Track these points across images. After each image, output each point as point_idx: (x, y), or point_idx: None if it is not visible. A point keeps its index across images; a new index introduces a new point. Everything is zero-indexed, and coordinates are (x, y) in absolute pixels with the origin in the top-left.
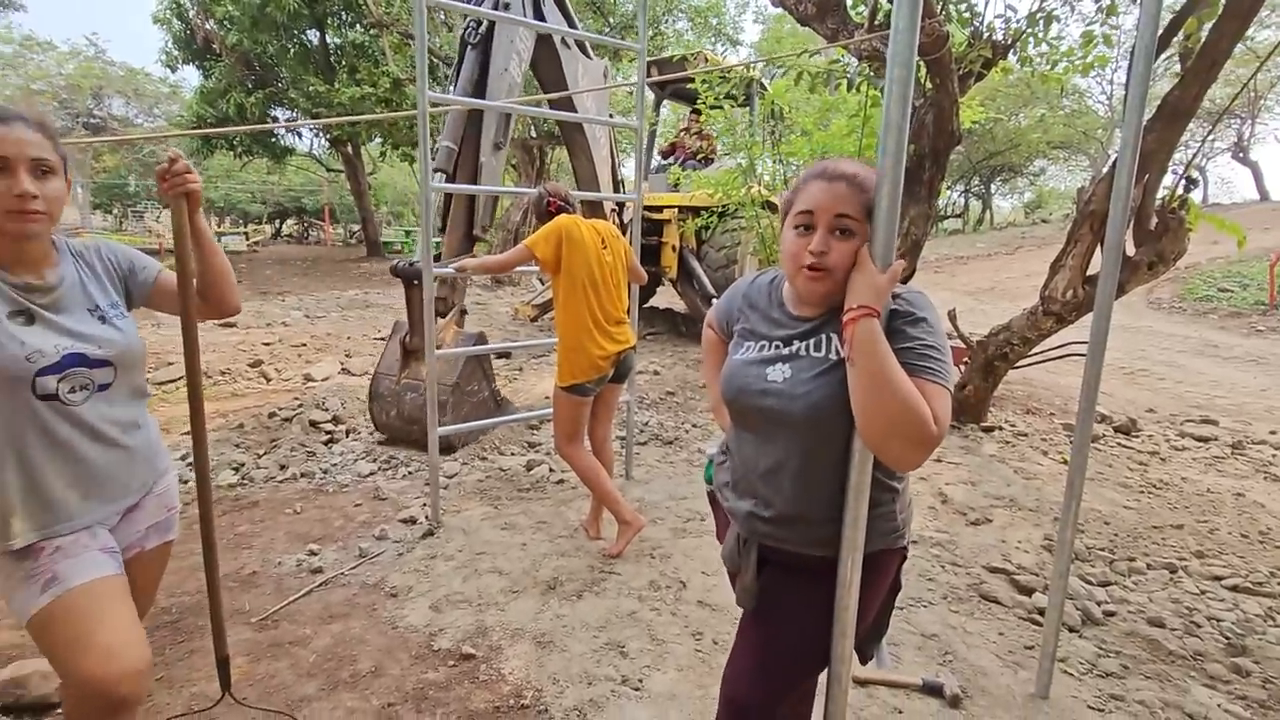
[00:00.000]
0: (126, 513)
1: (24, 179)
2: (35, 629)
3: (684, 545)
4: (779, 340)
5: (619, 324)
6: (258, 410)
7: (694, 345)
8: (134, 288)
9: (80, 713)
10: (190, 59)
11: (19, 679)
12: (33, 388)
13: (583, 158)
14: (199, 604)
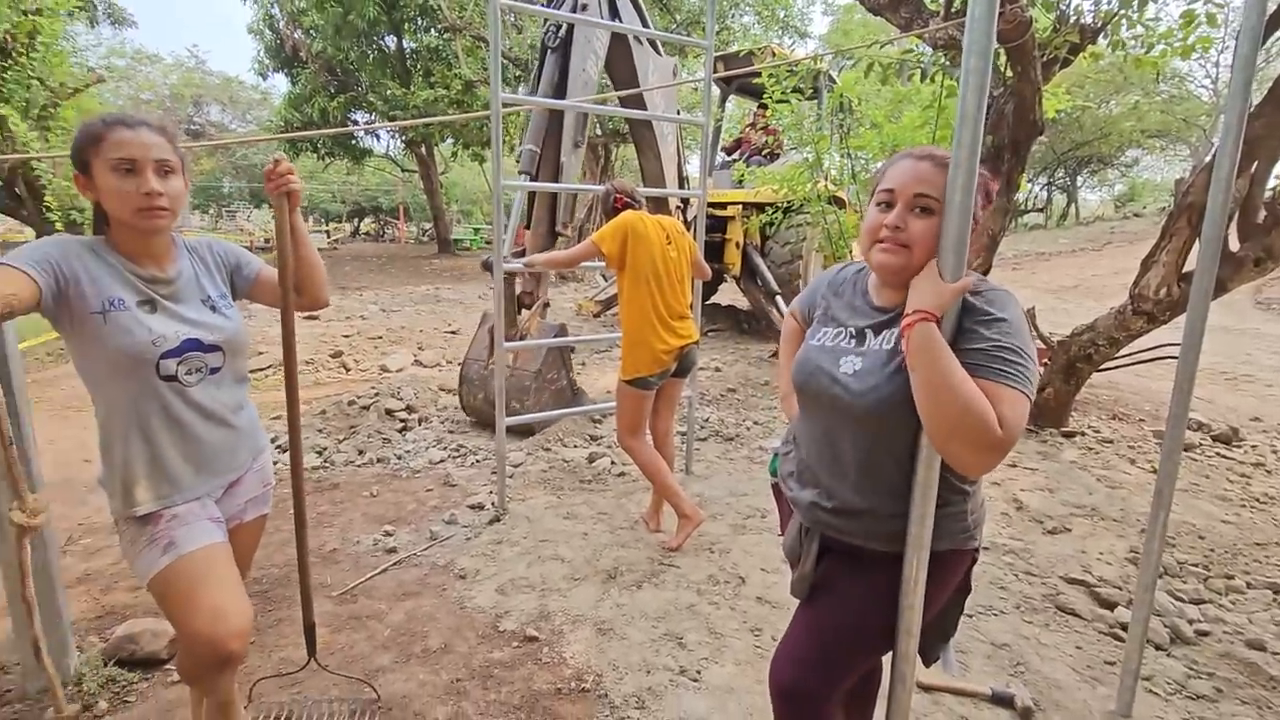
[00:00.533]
0: (230, 487)
1: (151, 178)
2: (155, 588)
3: (743, 541)
4: (854, 329)
5: (682, 319)
6: (338, 398)
7: (756, 343)
8: (238, 281)
9: (191, 665)
10: (279, 67)
11: (133, 635)
12: (156, 370)
13: (650, 154)
14: (287, 576)
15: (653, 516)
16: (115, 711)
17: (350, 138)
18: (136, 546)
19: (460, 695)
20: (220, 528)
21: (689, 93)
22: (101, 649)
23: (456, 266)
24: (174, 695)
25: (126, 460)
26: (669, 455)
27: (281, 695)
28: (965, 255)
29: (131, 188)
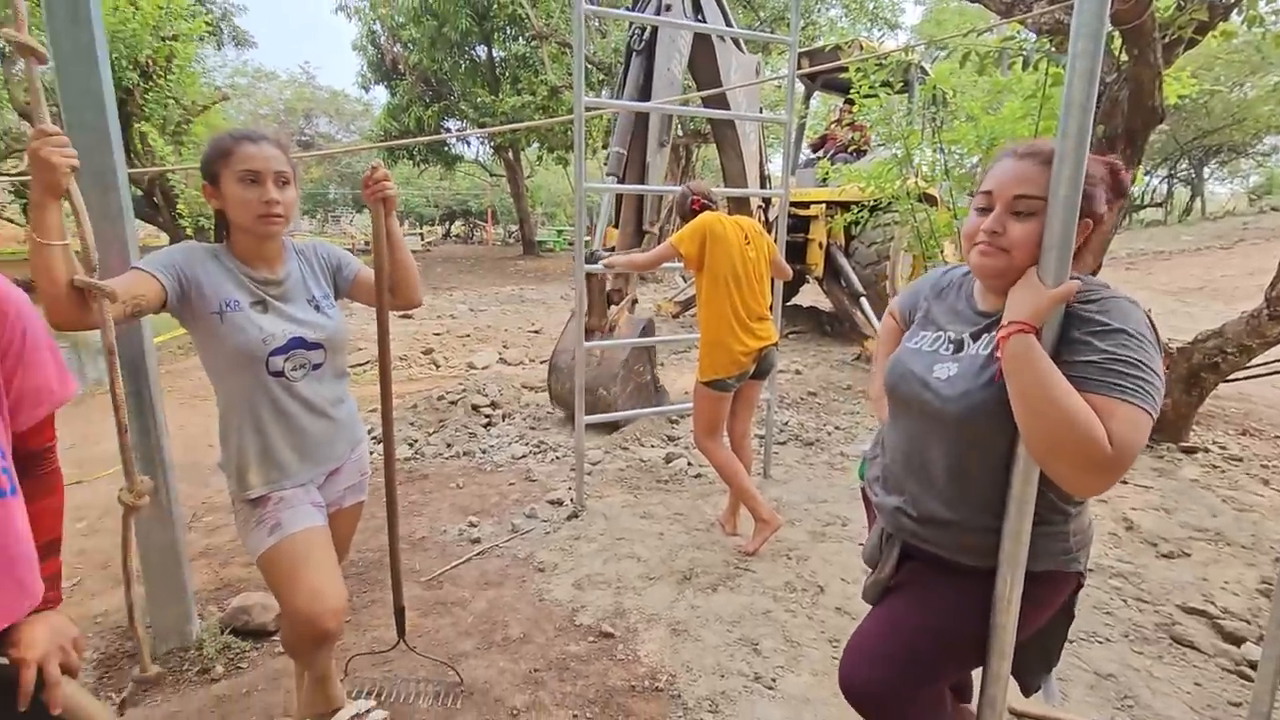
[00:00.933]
0: (330, 474)
1: (271, 189)
2: (263, 565)
3: (823, 549)
4: (954, 334)
5: (761, 320)
6: (428, 393)
7: (839, 345)
8: (340, 281)
9: (293, 639)
10: (380, 79)
11: (245, 607)
12: (266, 366)
13: (732, 153)
14: (379, 560)
15: (729, 519)
16: (230, 676)
17: (443, 145)
18: (248, 526)
19: (538, 685)
20: (321, 512)
21: (771, 90)
22: (219, 618)
23: (540, 267)
24: (280, 665)
25: (240, 447)
26: (746, 458)
27: (374, 672)
28: (1070, 257)
29: (254, 197)
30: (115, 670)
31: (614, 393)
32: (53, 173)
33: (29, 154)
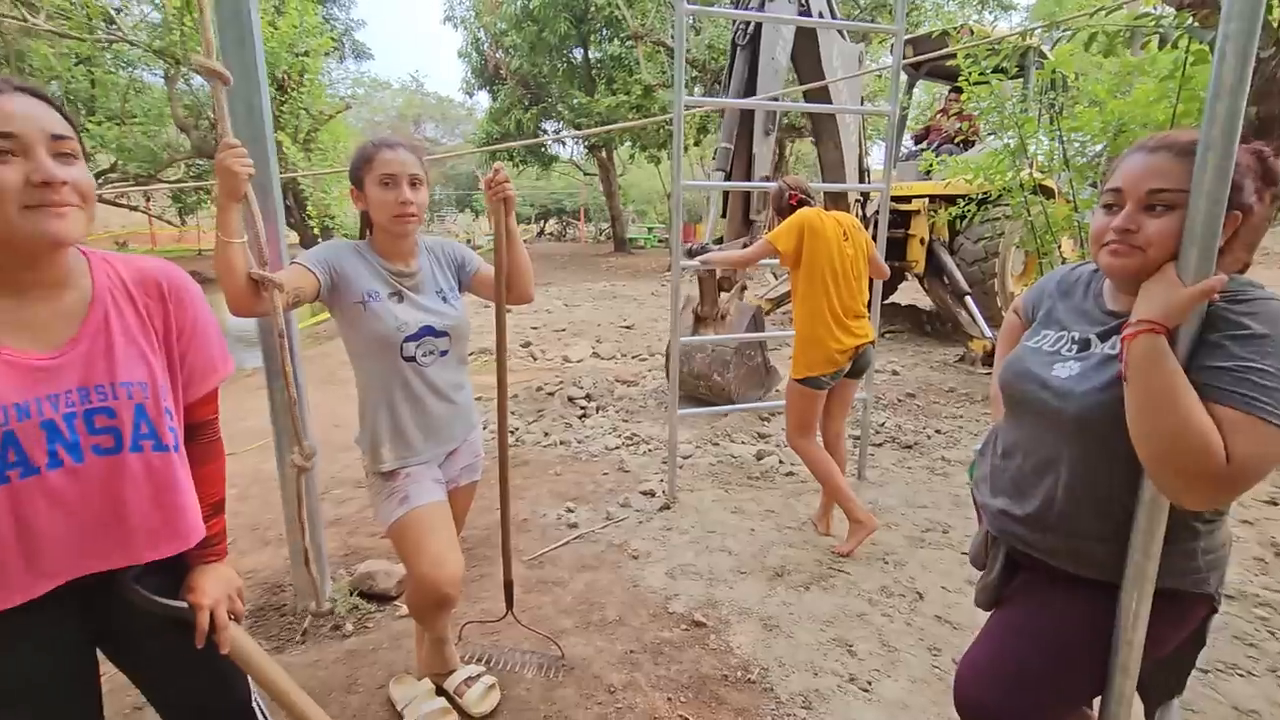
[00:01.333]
0: (449, 455)
1: (405, 190)
2: (392, 533)
3: (922, 555)
4: (1079, 333)
5: (858, 318)
6: (528, 384)
7: (940, 346)
8: (462, 276)
9: (417, 601)
10: (483, 85)
11: (371, 573)
12: (400, 351)
13: (830, 144)
14: (487, 538)
15: (822, 519)
16: (358, 634)
17: (541, 146)
18: (380, 497)
19: (634, 666)
20: (442, 488)
21: (871, 79)
22: (348, 581)
23: (631, 264)
24: (401, 627)
25: (376, 425)
26: (840, 458)
27: (483, 640)
28: (1214, 254)
29: (391, 198)
30: (264, 621)
31: (727, 378)
32: (235, 179)
33: (216, 164)
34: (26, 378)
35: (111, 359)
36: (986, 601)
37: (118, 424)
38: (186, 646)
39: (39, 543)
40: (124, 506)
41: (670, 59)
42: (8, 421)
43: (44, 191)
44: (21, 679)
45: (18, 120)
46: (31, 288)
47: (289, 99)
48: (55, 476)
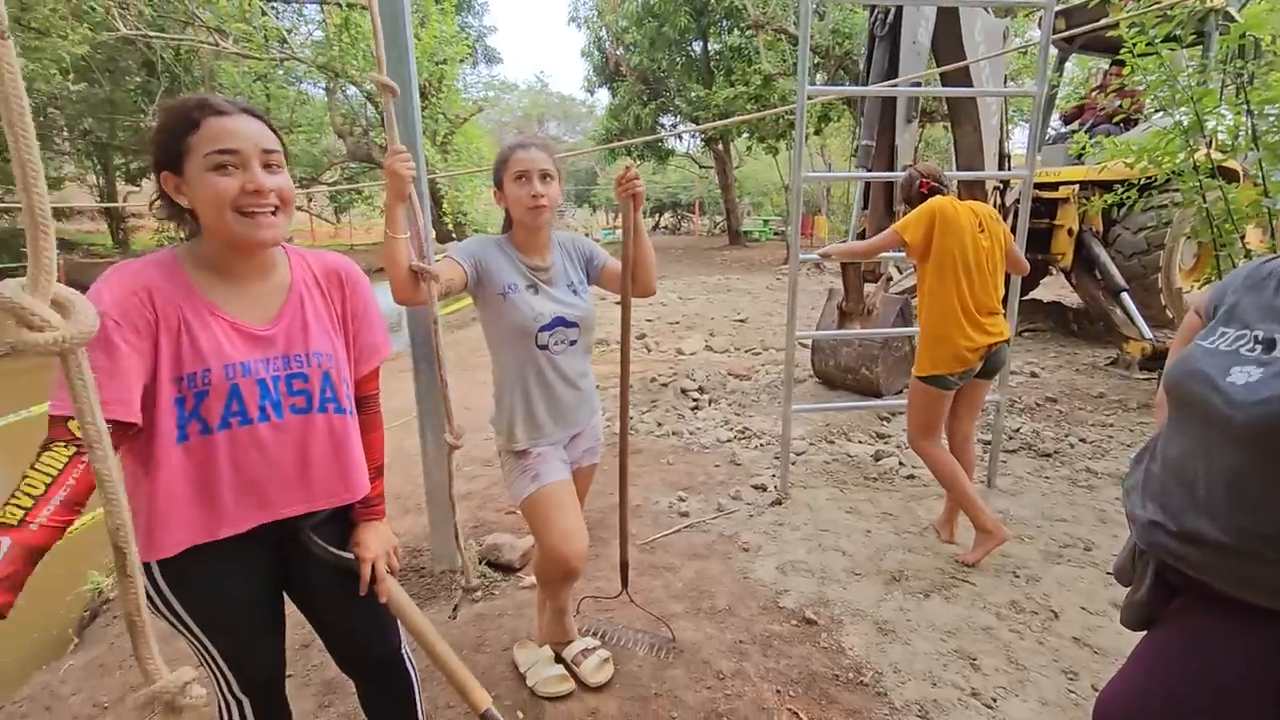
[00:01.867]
0: (573, 438)
1: (536, 184)
2: (524, 508)
3: (1058, 572)
4: (1263, 332)
5: (991, 314)
6: (641, 375)
7: (1089, 347)
8: (590, 270)
9: (545, 572)
10: (603, 82)
11: (497, 545)
12: (535, 340)
13: (968, 126)
14: (602, 520)
15: (945, 525)
16: (486, 600)
17: (658, 141)
18: (513, 474)
19: (742, 656)
20: (567, 468)
21: (1014, 57)
22: (477, 551)
23: (746, 258)
24: (524, 597)
25: (510, 408)
26: (968, 463)
27: (598, 616)
28: None
29: (524, 192)
30: (404, 582)
31: (876, 372)
32: (401, 182)
33: (386, 167)
34: (248, 342)
35: (306, 334)
36: (1133, 621)
37: (309, 388)
38: (352, 592)
39: (245, 484)
40: (310, 460)
41: (791, 47)
42: (233, 376)
43: (254, 199)
44: (227, 607)
45: (240, 138)
46: (246, 273)
47: (429, 105)
48: (263, 428)
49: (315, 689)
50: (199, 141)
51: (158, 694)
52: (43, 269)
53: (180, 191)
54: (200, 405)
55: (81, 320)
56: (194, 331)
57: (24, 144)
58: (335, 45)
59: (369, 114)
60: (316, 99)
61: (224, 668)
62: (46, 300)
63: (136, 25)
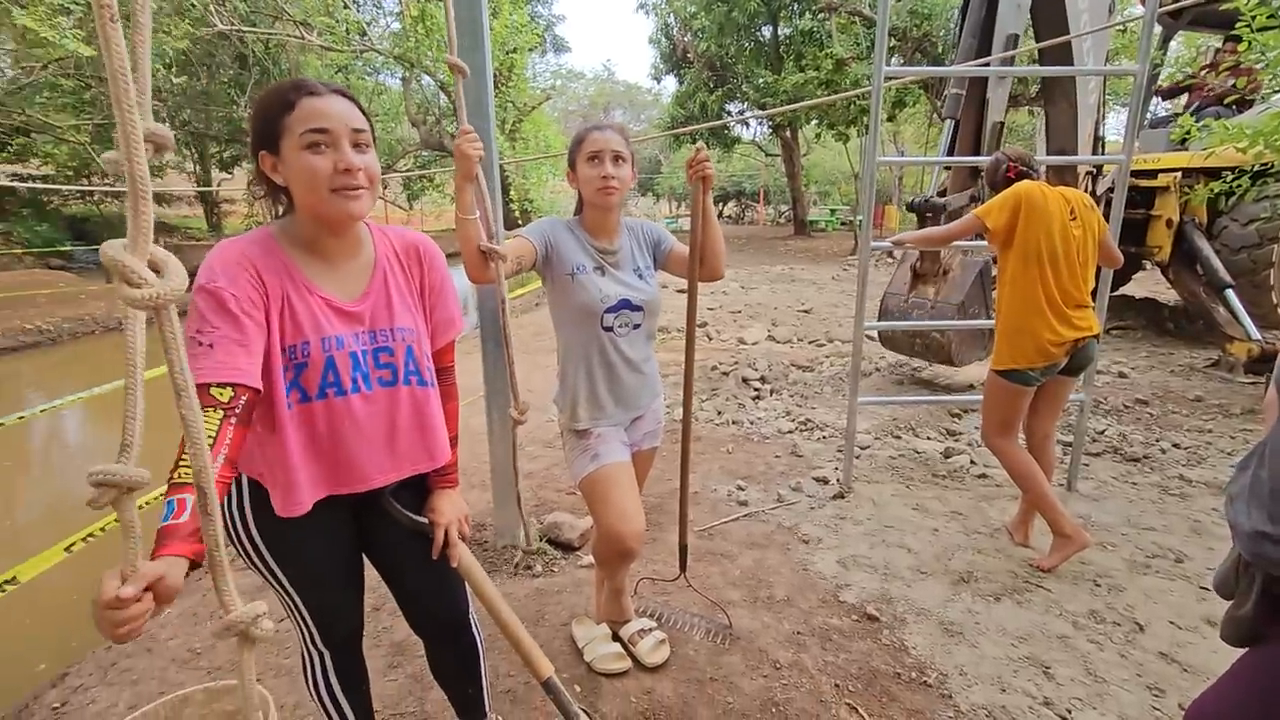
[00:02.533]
0: (634, 421)
1: (609, 165)
2: (583, 487)
3: (1145, 583)
4: None
5: (1080, 308)
6: (702, 363)
7: (1186, 347)
8: (657, 255)
9: (603, 551)
10: (670, 69)
11: (557, 523)
12: (600, 321)
13: (1062, 103)
14: (659, 505)
15: (1020, 528)
16: (545, 575)
17: (724, 128)
18: (574, 453)
19: (800, 647)
20: (627, 450)
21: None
22: (538, 528)
23: (811, 248)
24: (582, 575)
25: (574, 387)
26: (1047, 464)
27: (655, 599)
28: None
29: (596, 173)
30: None
31: (948, 335)
32: (469, 162)
33: (455, 148)
34: (341, 317)
35: (390, 309)
36: (1234, 636)
37: (394, 361)
38: (426, 556)
39: (339, 451)
40: (396, 430)
41: (866, 30)
42: (329, 349)
43: (345, 177)
44: (314, 564)
45: (331, 118)
46: (336, 251)
47: (499, 93)
48: (355, 399)
49: (385, 650)
50: (294, 121)
51: (232, 624)
52: (141, 231)
53: (276, 170)
54: (300, 376)
55: (174, 280)
56: (294, 306)
57: (128, 118)
58: (411, 36)
59: (442, 103)
60: (393, 89)
61: (309, 622)
62: (144, 260)
63: (231, 20)
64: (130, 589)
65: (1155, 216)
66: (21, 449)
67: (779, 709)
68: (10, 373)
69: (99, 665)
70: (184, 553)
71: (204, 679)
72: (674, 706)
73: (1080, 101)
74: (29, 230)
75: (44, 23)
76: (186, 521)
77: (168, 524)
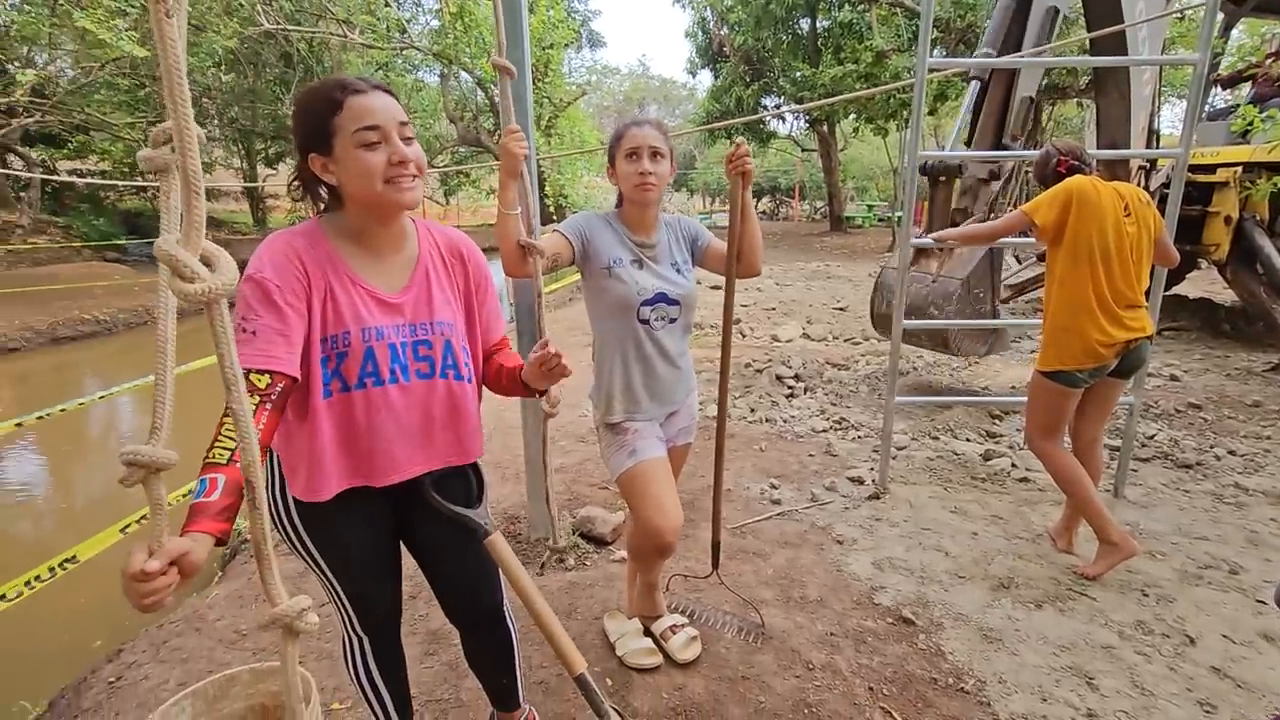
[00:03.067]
0: (669, 416)
1: (646, 161)
2: (621, 483)
3: (1196, 595)
4: None
5: (1132, 308)
6: (736, 360)
7: (1245, 350)
8: (695, 251)
9: (639, 545)
10: (706, 63)
11: (590, 518)
12: (636, 314)
13: (1114, 94)
14: (692, 503)
15: (1063, 534)
16: (578, 569)
17: (760, 123)
18: (610, 449)
19: (834, 649)
20: (663, 445)
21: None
22: (571, 522)
23: (847, 244)
24: (614, 570)
25: (609, 381)
26: (1094, 469)
27: (687, 595)
28: None
29: (634, 169)
30: None
31: (947, 313)
32: (514, 160)
33: (501, 147)
34: (382, 308)
35: (431, 303)
36: None
37: (432, 354)
38: (463, 548)
39: (380, 440)
40: (432, 422)
41: (907, 21)
42: (369, 340)
43: (399, 169)
44: (354, 552)
45: (380, 114)
46: (382, 244)
47: (535, 89)
48: (393, 390)
49: (421, 637)
50: (344, 120)
51: (278, 617)
52: (194, 226)
53: (328, 170)
54: (341, 365)
55: (225, 274)
56: (336, 296)
57: (182, 113)
58: (450, 34)
59: (479, 99)
60: (431, 86)
61: (349, 607)
62: (196, 254)
63: (277, 20)
64: (155, 563)
65: (1212, 213)
66: (81, 434)
67: (812, 710)
68: (70, 361)
69: (151, 643)
70: (210, 530)
71: (249, 659)
72: (705, 703)
73: (1134, 93)
74: (87, 224)
75: (102, 25)
76: (216, 500)
77: (198, 501)
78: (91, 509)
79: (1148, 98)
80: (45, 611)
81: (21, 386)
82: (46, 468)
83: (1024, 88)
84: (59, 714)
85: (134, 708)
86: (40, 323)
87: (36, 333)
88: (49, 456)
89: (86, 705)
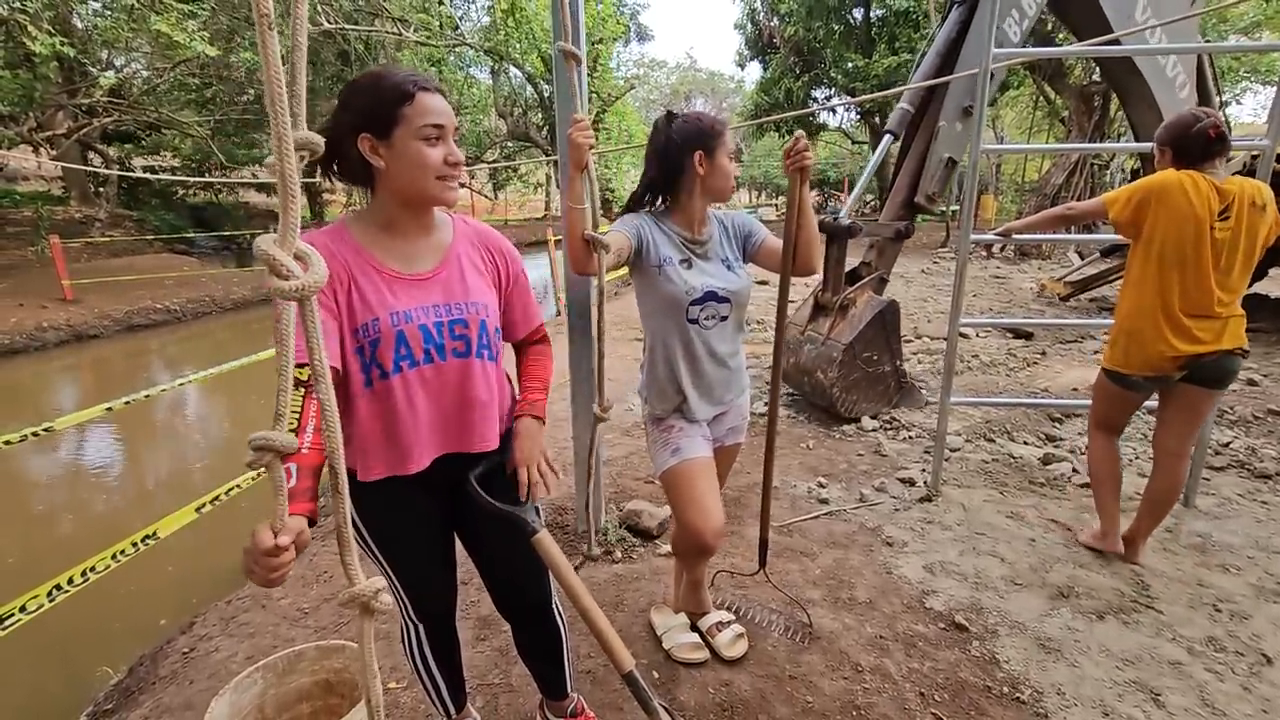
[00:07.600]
0: (718, 415)
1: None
2: (664, 481)
3: (1274, 612)
4: None
5: (1205, 318)
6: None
7: None
8: (748, 247)
9: (682, 544)
10: (755, 55)
11: (637, 511)
12: (685, 312)
13: (1141, 105)
14: (738, 500)
15: (1129, 544)
16: (624, 562)
17: (810, 115)
18: (655, 446)
19: (883, 652)
20: (709, 445)
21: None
22: (619, 515)
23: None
24: (660, 563)
25: (657, 378)
26: (1173, 481)
27: (733, 592)
28: None
29: (732, 170)
30: None
31: (831, 377)
32: (579, 151)
33: (568, 137)
34: (409, 289)
35: (465, 284)
36: None
37: (468, 334)
38: (512, 543)
39: (420, 422)
40: (469, 401)
41: None
42: (398, 323)
43: (453, 169)
44: (408, 542)
45: (444, 114)
46: (411, 229)
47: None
48: (428, 370)
49: (473, 623)
50: (413, 113)
51: (356, 596)
52: (289, 226)
53: (377, 153)
54: (375, 352)
55: (316, 272)
56: (361, 286)
57: (281, 120)
58: (501, 30)
59: (528, 94)
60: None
61: (405, 594)
62: (290, 253)
63: (335, 19)
64: (286, 538)
65: None
66: (158, 419)
67: (860, 713)
68: (143, 348)
69: (221, 618)
70: (304, 511)
71: (311, 636)
72: (752, 700)
73: (1163, 98)
74: (158, 218)
75: (176, 27)
76: (298, 485)
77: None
78: (166, 490)
79: (1184, 100)
80: (121, 586)
81: (100, 370)
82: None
83: (943, 147)
84: (139, 680)
85: (206, 678)
86: (117, 311)
87: (114, 321)
88: (127, 439)
89: (164, 673)
